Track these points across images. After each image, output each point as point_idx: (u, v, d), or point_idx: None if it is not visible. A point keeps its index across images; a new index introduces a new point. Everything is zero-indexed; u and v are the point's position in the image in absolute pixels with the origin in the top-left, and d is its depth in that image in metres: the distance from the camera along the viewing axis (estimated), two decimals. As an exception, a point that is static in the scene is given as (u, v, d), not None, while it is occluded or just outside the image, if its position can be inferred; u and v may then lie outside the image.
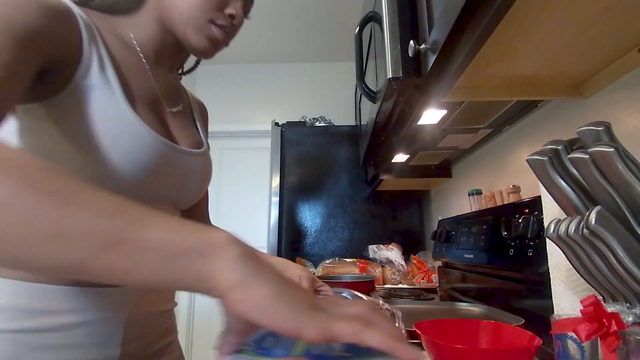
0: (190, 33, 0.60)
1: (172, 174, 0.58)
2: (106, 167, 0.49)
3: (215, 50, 0.63)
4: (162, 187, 0.58)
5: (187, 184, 0.63)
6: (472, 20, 0.54)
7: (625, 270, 0.43)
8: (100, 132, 0.48)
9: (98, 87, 0.50)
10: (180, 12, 0.59)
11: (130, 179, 0.51)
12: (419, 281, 1.72)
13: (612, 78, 0.73)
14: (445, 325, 0.60)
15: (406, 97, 0.91)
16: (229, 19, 0.61)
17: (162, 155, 0.55)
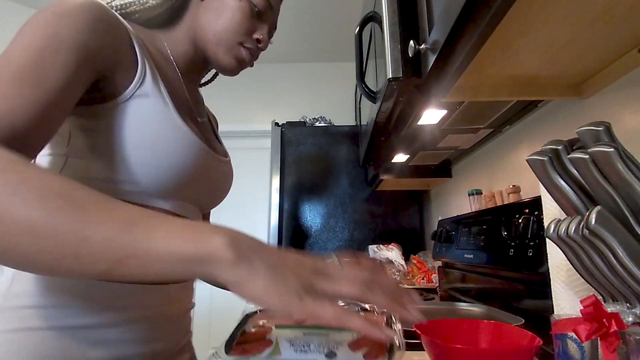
0: (221, 53, 0.65)
1: (208, 180, 0.64)
2: (150, 170, 0.52)
3: (240, 69, 0.69)
4: (197, 191, 0.63)
5: (217, 189, 0.69)
6: (472, 20, 0.54)
7: (625, 270, 0.43)
8: (151, 137, 0.52)
9: (152, 96, 0.54)
10: (214, 33, 0.64)
11: (172, 182, 0.55)
12: (419, 281, 1.72)
13: (612, 78, 0.73)
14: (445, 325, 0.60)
15: (406, 97, 0.91)
16: (255, 42, 0.67)
17: (204, 162, 0.60)
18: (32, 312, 0.47)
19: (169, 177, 0.54)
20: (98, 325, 0.50)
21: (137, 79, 0.53)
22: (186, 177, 0.57)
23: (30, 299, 0.48)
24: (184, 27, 0.66)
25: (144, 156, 0.52)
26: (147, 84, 0.54)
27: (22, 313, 0.47)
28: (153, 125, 0.53)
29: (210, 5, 0.65)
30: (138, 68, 0.54)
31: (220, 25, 0.64)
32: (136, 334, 0.53)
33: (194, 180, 0.59)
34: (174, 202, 0.58)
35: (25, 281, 0.48)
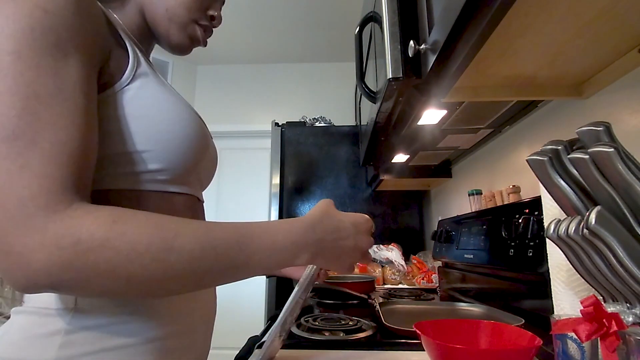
0: (174, 30, 0.61)
1: (209, 156, 0.62)
2: (172, 148, 0.50)
3: (191, 49, 0.65)
4: (204, 168, 0.61)
5: (213, 165, 0.67)
6: (472, 20, 0.54)
7: (625, 271, 0.43)
8: (164, 116, 0.50)
9: (150, 75, 0.51)
10: (166, 8, 0.59)
11: (191, 160, 0.53)
12: (419, 281, 1.72)
13: (612, 78, 0.73)
14: (445, 325, 0.60)
15: (406, 97, 0.91)
16: (210, 19, 0.64)
17: (207, 136, 0.59)
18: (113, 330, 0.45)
19: (189, 156, 0.52)
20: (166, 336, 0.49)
21: (132, 59, 0.50)
22: (200, 154, 0.55)
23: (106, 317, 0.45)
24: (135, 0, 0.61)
25: (165, 138, 0.49)
26: (142, 63, 0.51)
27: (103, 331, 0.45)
28: (164, 104, 0.51)
29: None
30: (128, 47, 0.51)
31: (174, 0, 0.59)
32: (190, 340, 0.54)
33: (204, 157, 0.57)
34: (191, 185, 0.57)
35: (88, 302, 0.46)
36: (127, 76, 0.48)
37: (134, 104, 0.47)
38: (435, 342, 0.50)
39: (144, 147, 0.47)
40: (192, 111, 0.55)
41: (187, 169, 0.53)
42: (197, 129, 0.54)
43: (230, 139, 2.97)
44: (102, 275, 0.35)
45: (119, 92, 0.47)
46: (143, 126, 0.48)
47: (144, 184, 0.49)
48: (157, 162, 0.49)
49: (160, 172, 0.50)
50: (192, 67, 3.13)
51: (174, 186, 0.52)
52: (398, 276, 1.78)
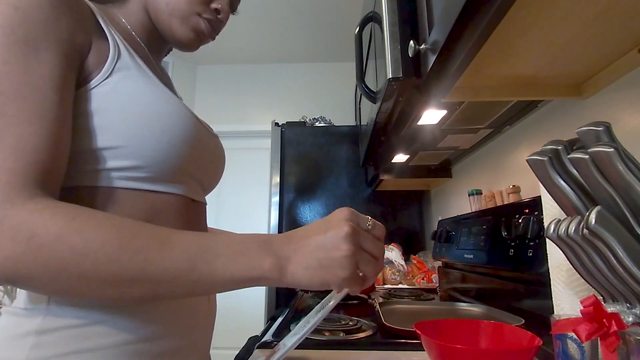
0: (176, 24, 0.58)
1: (206, 154, 0.59)
2: (151, 147, 0.48)
3: (199, 43, 0.62)
4: (198, 167, 0.58)
5: (215, 165, 0.64)
6: (472, 20, 0.54)
7: (625, 271, 0.43)
8: (143, 110, 0.48)
9: (132, 69, 0.50)
10: (166, 2, 0.57)
11: (175, 159, 0.51)
12: (419, 281, 1.72)
13: (612, 78, 0.73)
14: (445, 325, 0.60)
15: (406, 97, 0.91)
16: (214, 13, 0.61)
17: (200, 135, 0.56)
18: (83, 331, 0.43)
19: (171, 153, 0.50)
20: (141, 339, 0.47)
21: (112, 53, 0.48)
22: (186, 150, 0.52)
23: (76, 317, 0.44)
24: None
25: (140, 133, 0.47)
26: (124, 56, 0.50)
27: (73, 333, 0.43)
28: (143, 98, 0.49)
29: None
30: (109, 43, 0.49)
31: None
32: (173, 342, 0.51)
33: (194, 155, 0.55)
34: (181, 185, 0.55)
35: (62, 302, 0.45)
36: (106, 70, 0.47)
37: (109, 99, 0.46)
38: (435, 342, 0.50)
39: (117, 142, 0.46)
40: (179, 107, 0.52)
41: (170, 167, 0.51)
42: (182, 125, 0.51)
43: (230, 139, 2.96)
44: (54, 271, 0.35)
45: (97, 87, 0.46)
46: (117, 121, 0.46)
47: (118, 181, 0.47)
48: (131, 158, 0.47)
49: (135, 169, 0.48)
50: (192, 67, 3.13)
51: (153, 184, 0.50)
52: (398, 276, 1.78)
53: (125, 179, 0.48)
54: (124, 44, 0.51)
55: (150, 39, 0.61)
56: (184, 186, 0.55)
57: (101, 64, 0.47)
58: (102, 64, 0.47)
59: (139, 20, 0.60)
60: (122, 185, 0.48)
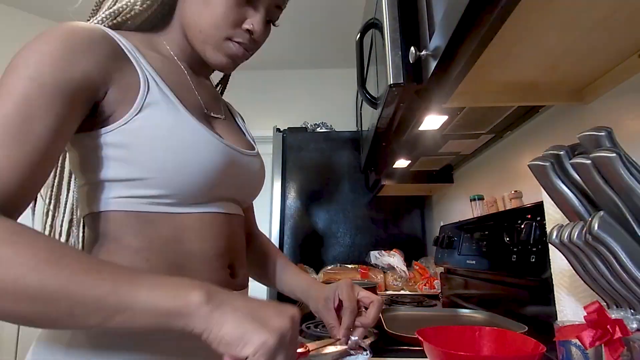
0: (209, 51, 0.60)
1: (238, 175, 0.61)
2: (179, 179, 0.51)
3: (234, 65, 0.63)
4: (230, 188, 0.60)
5: (249, 183, 0.66)
6: (473, 26, 0.54)
7: (628, 276, 0.43)
8: (171, 144, 0.50)
9: (162, 102, 0.52)
10: (199, 30, 0.59)
11: (202, 186, 0.53)
12: (421, 287, 1.71)
13: (613, 83, 0.73)
14: (447, 332, 0.60)
15: (407, 103, 0.91)
16: (247, 34, 0.60)
17: (230, 159, 0.57)
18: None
19: (198, 181, 0.52)
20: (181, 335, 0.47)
21: (142, 89, 0.51)
22: (214, 178, 0.54)
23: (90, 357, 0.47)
24: (176, 24, 0.62)
25: (166, 166, 0.50)
26: (153, 92, 0.52)
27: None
28: (170, 132, 0.51)
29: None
30: (140, 77, 0.51)
31: (204, 21, 0.57)
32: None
33: (223, 180, 0.57)
34: (212, 204, 0.57)
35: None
36: (136, 107, 0.49)
37: (138, 134, 0.49)
38: (437, 349, 0.50)
39: (144, 174, 0.49)
40: (204, 137, 0.54)
41: (195, 193, 0.53)
42: (207, 155, 0.53)
43: (232, 144, 2.98)
44: None
45: (127, 124, 0.49)
46: (144, 155, 0.49)
47: (146, 206, 0.51)
48: (158, 188, 0.50)
49: (162, 197, 0.51)
50: (194, 74, 3.14)
51: (180, 208, 0.53)
52: (400, 282, 1.77)
53: (153, 204, 0.51)
54: (153, 78, 0.53)
55: (192, 62, 0.64)
56: (216, 205, 0.57)
57: (131, 101, 0.50)
58: (132, 101, 0.50)
59: (180, 46, 0.62)
60: (149, 210, 0.51)
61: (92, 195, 0.52)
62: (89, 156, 0.50)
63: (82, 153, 0.51)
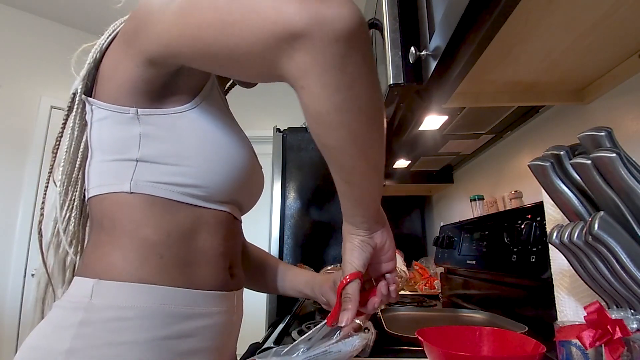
0: None
1: (252, 183, 0.62)
2: (215, 174, 0.52)
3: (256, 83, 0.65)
4: (245, 193, 0.62)
5: (255, 193, 0.68)
6: (473, 26, 0.54)
7: (628, 276, 0.43)
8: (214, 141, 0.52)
9: (216, 97, 0.55)
10: None
11: (232, 185, 0.55)
12: (421, 287, 1.71)
13: (613, 84, 0.73)
14: (448, 332, 0.60)
15: (407, 103, 0.91)
16: None
17: (254, 165, 0.60)
18: (119, 325, 0.46)
19: (227, 181, 0.54)
20: (184, 334, 0.49)
21: (210, 84, 0.54)
22: (243, 179, 0.57)
23: (114, 312, 0.46)
24: None
25: (208, 162, 0.52)
26: (214, 89, 0.55)
27: (110, 326, 0.46)
28: (219, 131, 0.53)
29: None
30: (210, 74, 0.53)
31: None
32: (215, 341, 0.53)
33: (244, 185, 0.59)
34: (228, 205, 0.58)
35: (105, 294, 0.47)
36: (200, 97, 0.52)
37: (193, 126, 0.51)
38: (437, 349, 0.50)
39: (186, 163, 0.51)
40: (242, 142, 0.57)
41: (223, 192, 0.55)
42: (242, 159, 0.56)
43: (232, 145, 2.98)
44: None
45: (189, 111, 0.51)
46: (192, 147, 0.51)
47: (176, 195, 0.52)
48: (194, 178, 0.51)
49: (194, 187, 0.52)
50: (194, 74, 3.15)
51: (205, 202, 0.54)
52: (400, 282, 1.77)
53: (183, 194, 0.52)
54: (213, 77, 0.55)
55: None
56: (230, 206, 0.59)
57: (197, 90, 0.52)
58: (199, 91, 0.52)
59: None
60: (177, 199, 0.52)
61: (121, 173, 0.51)
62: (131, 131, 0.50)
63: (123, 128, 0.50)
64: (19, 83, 2.50)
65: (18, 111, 2.48)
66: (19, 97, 2.49)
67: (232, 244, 0.60)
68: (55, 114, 2.60)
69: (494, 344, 0.58)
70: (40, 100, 2.56)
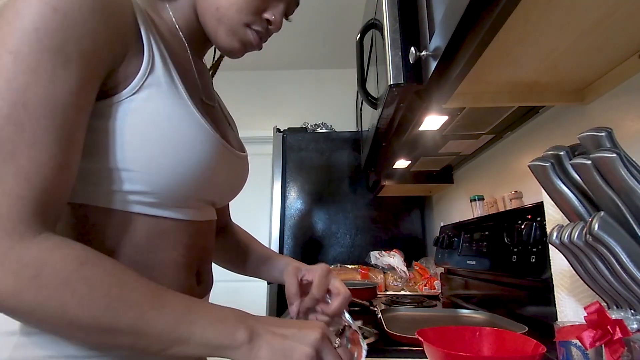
0: (222, 32, 0.55)
1: (222, 178, 0.57)
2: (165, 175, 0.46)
3: (244, 52, 0.59)
4: (214, 192, 0.57)
5: (232, 185, 0.62)
6: (473, 27, 0.54)
7: (629, 277, 0.43)
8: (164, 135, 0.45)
9: (164, 84, 0.46)
10: (216, 7, 0.53)
11: (188, 187, 0.49)
12: (421, 288, 1.71)
13: (613, 84, 0.73)
14: (448, 332, 0.60)
15: (407, 104, 0.91)
16: (265, 23, 0.57)
17: (221, 160, 0.53)
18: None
19: (184, 181, 0.48)
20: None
21: (145, 66, 0.44)
22: (202, 180, 0.50)
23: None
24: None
25: (155, 161, 0.44)
26: (157, 70, 0.46)
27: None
28: (166, 122, 0.45)
29: None
30: (145, 52, 0.45)
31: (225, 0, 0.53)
32: None
33: (209, 182, 0.52)
34: (189, 209, 0.52)
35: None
36: (134, 85, 0.43)
37: (131, 118, 0.43)
38: (438, 349, 0.50)
39: (130, 165, 0.44)
40: (202, 134, 0.49)
41: (178, 195, 0.49)
42: (201, 154, 0.48)
43: (232, 145, 2.97)
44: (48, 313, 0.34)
45: (122, 102, 0.43)
46: (134, 144, 0.43)
47: (125, 204, 0.45)
48: (140, 183, 0.45)
49: (142, 194, 0.46)
50: (194, 74, 3.14)
51: (158, 210, 0.48)
52: (400, 283, 1.77)
53: (132, 202, 0.46)
54: (160, 50, 0.47)
55: (193, 37, 0.58)
56: (192, 210, 0.53)
57: (132, 77, 0.44)
58: (133, 77, 0.44)
59: (185, 17, 0.56)
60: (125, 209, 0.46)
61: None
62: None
63: None
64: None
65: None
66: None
67: (198, 251, 0.55)
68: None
69: (494, 344, 0.58)
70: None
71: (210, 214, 0.59)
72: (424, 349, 0.53)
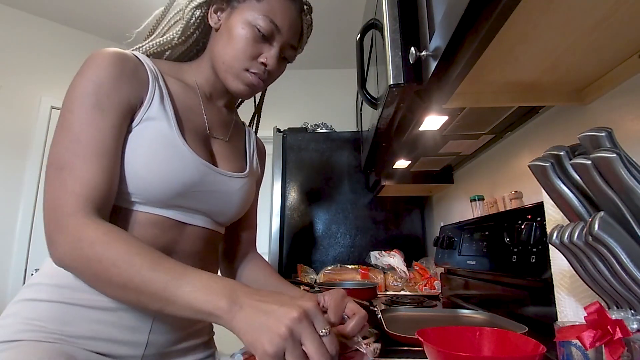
0: (229, 80, 0.72)
1: (208, 191, 0.70)
2: (153, 182, 0.61)
3: (251, 92, 0.74)
4: (198, 202, 0.69)
5: (224, 202, 0.73)
6: (473, 27, 0.54)
7: (629, 277, 0.43)
8: (153, 154, 0.61)
9: (157, 118, 0.63)
10: (222, 62, 0.71)
11: (171, 192, 0.64)
12: (421, 288, 1.71)
13: (613, 84, 0.73)
14: (448, 332, 0.60)
15: (407, 104, 0.91)
16: (261, 66, 0.71)
17: (200, 175, 0.67)
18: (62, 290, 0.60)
19: (162, 189, 0.62)
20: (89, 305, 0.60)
21: (145, 104, 0.63)
22: (184, 187, 0.64)
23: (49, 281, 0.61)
24: (206, 57, 0.75)
25: (138, 177, 0.61)
26: (153, 108, 0.63)
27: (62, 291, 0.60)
28: (152, 145, 0.62)
29: (221, 35, 0.71)
30: (147, 96, 0.63)
31: (227, 54, 0.70)
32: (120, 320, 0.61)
33: (190, 192, 0.66)
34: (176, 211, 0.67)
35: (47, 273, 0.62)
36: (138, 118, 0.62)
37: (131, 143, 0.61)
38: (438, 349, 0.50)
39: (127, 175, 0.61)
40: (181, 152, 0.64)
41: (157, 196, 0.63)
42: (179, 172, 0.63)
43: (232, 145, 2.97)
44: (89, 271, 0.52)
45: (131, 131, 0.61)
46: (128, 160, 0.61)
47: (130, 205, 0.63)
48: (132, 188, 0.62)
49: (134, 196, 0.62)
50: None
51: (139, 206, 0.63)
52: (400, 283, 1.77)
53: (130, 202, 0.62)
54: (161, 94, 0.65)
55: (213, 90, 0.78)
56: (169, 211, 0.66)
57: (138, 112, 0.62)
58: (138, 112, 0.62)
59: (205, 75, 0.76)
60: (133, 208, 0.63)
61: None
62: None
63: None
64: (19, 83, 2.50)
65: (18, 111, 2.48)
66: (19, 97, 2.49)
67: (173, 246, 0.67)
68: (55, 114, 2.60)
69: (494, 344, 0.58)
70: (40, 100, 2.56)
71: (204, 222, 0.72)
72: (424, 349, 0.53)
